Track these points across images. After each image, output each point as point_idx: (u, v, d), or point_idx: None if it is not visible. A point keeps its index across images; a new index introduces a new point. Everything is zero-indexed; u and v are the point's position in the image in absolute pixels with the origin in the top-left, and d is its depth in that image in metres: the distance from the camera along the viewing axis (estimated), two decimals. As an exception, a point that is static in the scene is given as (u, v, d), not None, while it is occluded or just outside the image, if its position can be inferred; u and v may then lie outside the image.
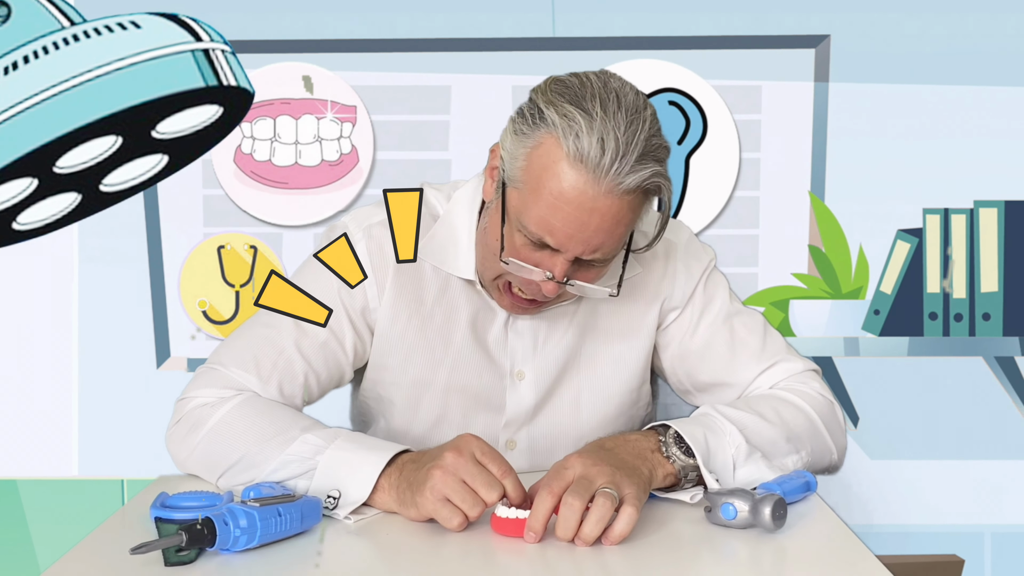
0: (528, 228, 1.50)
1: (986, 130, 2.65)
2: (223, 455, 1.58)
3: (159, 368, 2.74)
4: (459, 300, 1.71)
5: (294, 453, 1.51)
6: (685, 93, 2.64)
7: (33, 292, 2.70)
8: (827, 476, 1.73)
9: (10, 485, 2.74)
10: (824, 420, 1.68)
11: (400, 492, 1.43)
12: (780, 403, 1.67)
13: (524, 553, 1.32)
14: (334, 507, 1.45)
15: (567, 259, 1.51)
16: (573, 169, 1.45)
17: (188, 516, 1.29)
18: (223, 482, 1.57)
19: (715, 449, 1.52)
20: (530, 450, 1.76)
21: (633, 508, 1.34)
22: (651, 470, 1.47)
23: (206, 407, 1.64)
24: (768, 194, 2.68)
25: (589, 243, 1.49)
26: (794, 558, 1.31)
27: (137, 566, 1.25)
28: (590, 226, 1.48)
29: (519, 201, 1.52)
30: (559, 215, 1.47)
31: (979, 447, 2.72)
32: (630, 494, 1.37)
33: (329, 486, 1.46)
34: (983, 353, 2.68)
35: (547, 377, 1.75)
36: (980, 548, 2.74)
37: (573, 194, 1.46)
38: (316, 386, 1.70)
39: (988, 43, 2.63)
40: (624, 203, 1.47)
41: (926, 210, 2.65)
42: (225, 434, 1.59)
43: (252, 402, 1.62)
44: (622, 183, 1.45)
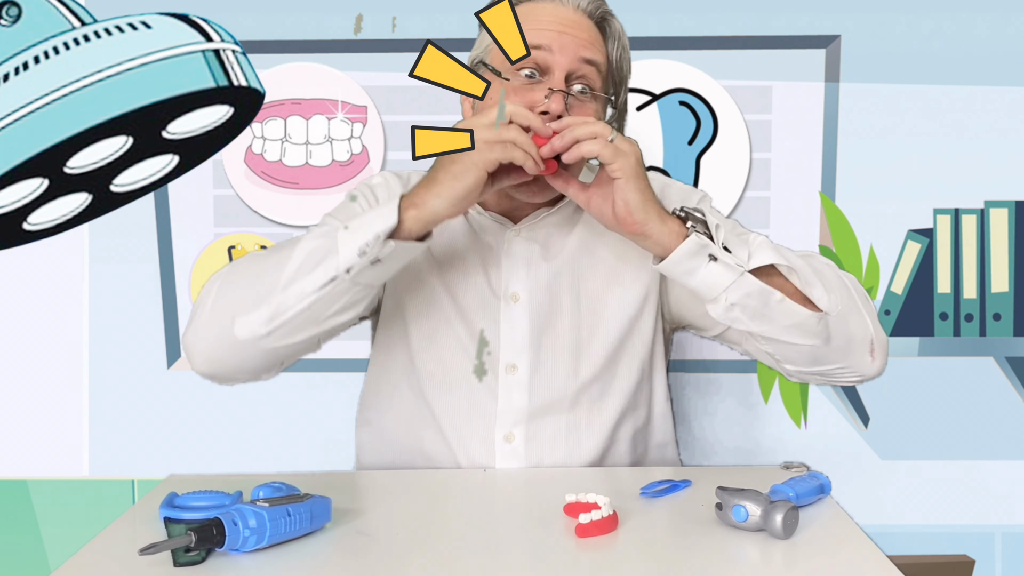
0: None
1: (997, 130, 2.65)
2: (233, 293, 1.59)
3: (170, 368, 2.74)
4: (457, 232, 1.81)
5: (312, 238, 1.56)
6: (696, 93, 2.64)
7: (43, 292, 2.71)
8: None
9: (20, 485, 2.74)
10: (857, 293, 1.67)
11: (431, 184, 1.55)
12: (811, 257, 1.68)
13: (531, 553, 1.32)
14: (367, 255, 1.50)
15: (561, 73, 1.66)
16: (540, 3, 1.72)
17: (197, 516, 1.30)
18: (240, 322, 1.56)
19: (730, 231, 1.60)
20: (530, 378, 1.75)
21: (612, 149, 1.53)
22: (661, 213, 1.58)
23: (210, 281, 1.65)
24: (779, 194, 2.68)
25: (576, 51, 1.68)
26: (805, 557, 1.30)
27: (146, 566, 1.26)
28: (569, 36, 1.68)
29: (497, 53, 1.69)
30: (541, 26, 1.67)
31: (990, 447, 2.72)
32: (627, 154, 1.55)
33: (357, 244, 1.51)
34: (994, 353, 2.68)
35: (540, 299, 1.77)
36: (991, 548, 2.73)
37: (547, 14, 1.70)
38: None
39: (1000, 43, 2.63)
40: (589, 24, 1.73)
41: (937, 210, 2.65)
42: (231, 277, 1.62)
43: (256, 252, 1.67)
44: (579, 3, 1.72)
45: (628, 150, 1.54)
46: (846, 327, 1.61)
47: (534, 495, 1.56)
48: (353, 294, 1.54)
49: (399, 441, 1.80)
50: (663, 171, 2.63)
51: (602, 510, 1.36)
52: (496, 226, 1.81)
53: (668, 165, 2.63)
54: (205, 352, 1.60)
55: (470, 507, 1.56)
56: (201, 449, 2.70)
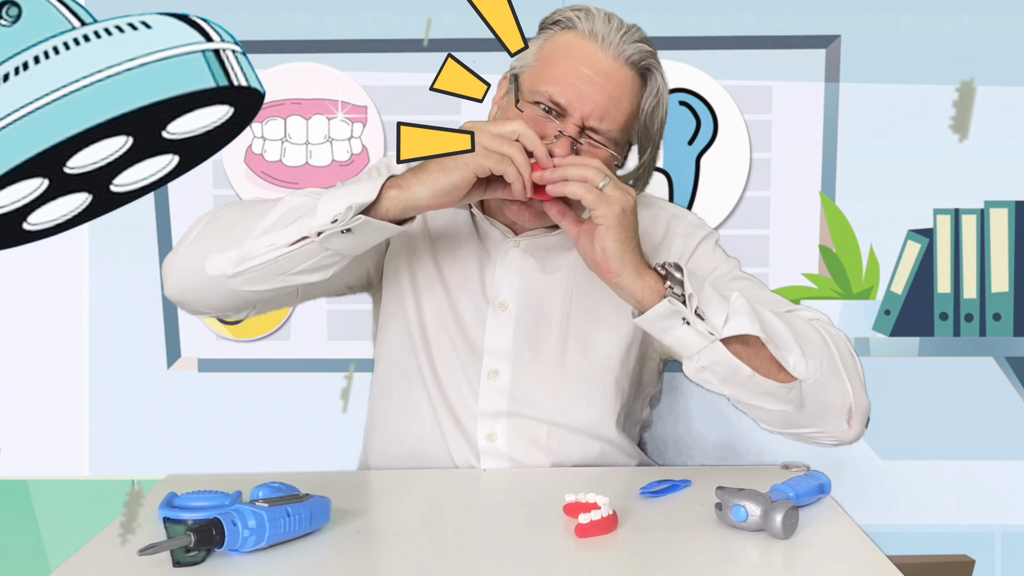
0: (540, 90, 1.66)
1: (997, 130, 2.64)
2: (213, 232, 1.63)
3: (170, 368, 2.74)
4: (462, 233, 1.83)
5: (295, 196, 1.57)
6: (696, 93, 2.64)
7: (43, 292, 2.71)
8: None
9: (21, 485, 2.74)
10: (842, 356, 1.64)
11: (418, 171, 1.55)
12: (794, 317, 1.66)
13: (531, 553, 1.32)
14: (338, 222, 1.50)
15: (575, 123, 1.65)
16: (584, 40, 1.67)
17: (197, 516, 1.30)
18: (212, 259, 1.59)
19: (711, 293, 1.55)
20: (511, 386, 1.77)
21: (597, 195, 1.53)
22: (639, 269, 1.55)
23: (202, 216, 1.69)
24: (778, 194, 2.68)
25: (596, 103, 1.65)
26: (805, 557, 1.30)
27: (146, 566, 1.26)
28: (597, 84, 1.65)
29: (531, 76, 1.70)
30: (570, 72, 1.65)
31: (989, 447, 2.72)
32: (610, 198, 1.53)
33: (333, 209, 1.51)
34: (994, 353, 2.68)
35: (529, 310, 1.79)
36: (991, 548, 2.74)
37: (584, 56, 1.66)
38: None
39: (999, 43, 2.63)
40: (627, 75, 1.68)
41: (937, 210, 2.65)
42: (216, 216, 1.65)
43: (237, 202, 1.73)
44: (624, 51, 1.66)
45: (616, 198, 1.52)
46: (822, 393, 1.60)
47: (534, 495, 1.56)
48: (322, 258, 1.55)
49: (397, 439, 1.82)
50: (664, 171, 2.63)
51: (602, 510, 1.36)
52: (498, 234, 1.82)
53: (668, 165, 2.63)
54: (176, 279, 1.65)
55: (470, 507, 1.56)
56: (201, 449, 2.70)
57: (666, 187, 2.62)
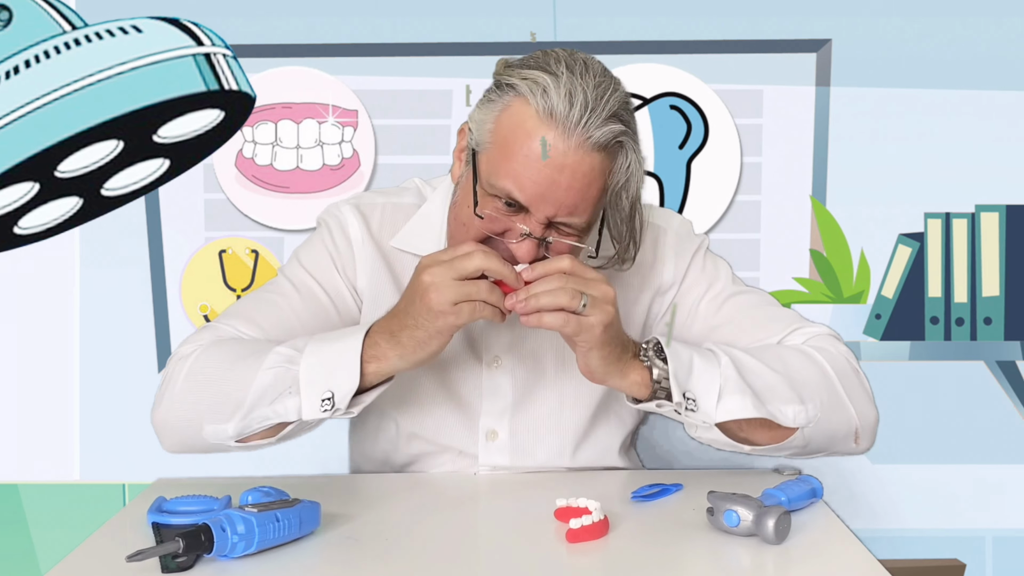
0: (498, 186, 1.47)
1: (988, 134, 2.65)
2: (200, 398, 1.53)
3: (160, 372, 2.74)
4: None
5: (269, 367, 1.46)
6: (686, 97, 2.64)
7: (34, 296, 2.70)
8: (849, 453, 1.66)
9: (11, 489, 2.74)
10: (842, 379, 1.59)
11: (395, 343, 1.44)
12: (789, 352, 1.61)
13: (522, 558, 1.31)
14: (333, 408, 1.44)
15: (539, 221, 1.48)
16: (541, 125, 1.44)
17: (186, 522, 1.29)
18: (209, 429, 1.51)
19: (700, 371, 1.47)
20: (511, 442, 1.74)
21: (566, 322, 1.41)
22: (624, 367, 1.48)
23: (180, 360, 1.58)
24: (769, 198, 2.68)
25: (561, 203, 1.46)
26: (797, 561, 1.30)
27: (134, 572, 1.25)
28: (561, 184, 1.45)
29: (488, 164, 1.50)
30: (529, 171, 1.45)
31: (980, 451, 2.72)
32: (590, 327, 1.42)
33: (319, 393, 1.44)
34: (984, 357, 2.68)
35: (525, 365, 1.73)
36: (981, 552, 2.74)
37: (541, 154, 1.44)
38: (301, 330, 1.64)
39: (990, 47, 2.63)
40: (594, 160, 1.45)
41: (927, 214, 2.65)
42: (198, 376, 1.54)
43: (225, 341, 1.59)
44: (591, 136, 1.43)
45: (595, 320, 1.42)
46: (826, 427, 1.56)
47: (524, 500, 1.56)
48: (316, 423, 1.51)
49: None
50: (654, 175, 2.63)
51: (593, 515, 1.36)
52: None
53: (659, 170, 2.63)
54: (175, 441, 1.59)
55: (461, 512, 1.55)
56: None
57: (657, 191, 2.62)
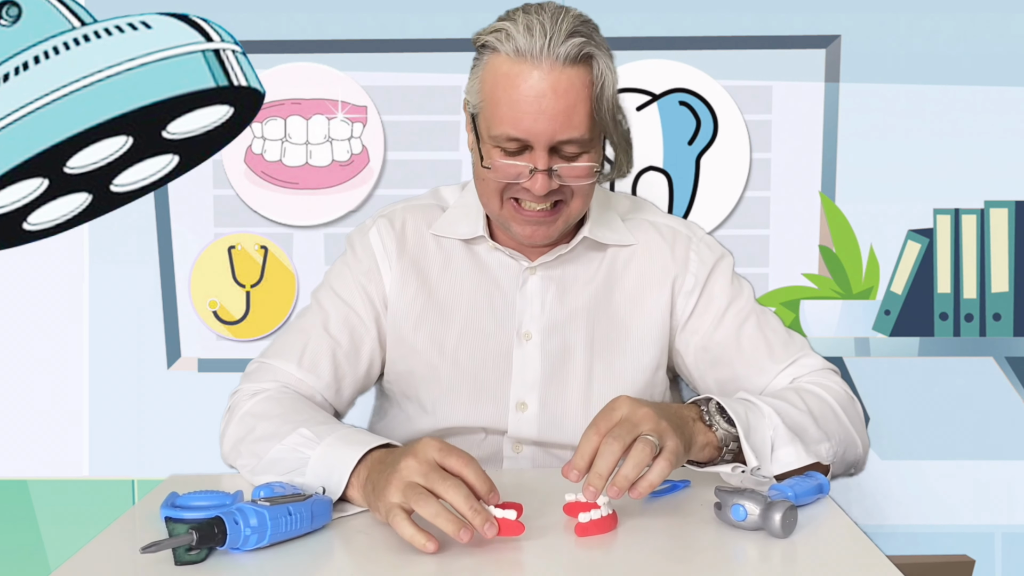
0: (496, 132, 1.62)
1: (997, 130, 2.65)
2: (236, 448, 1.68)
3: (170, 368, 2.74)
4: (463, 270, 1.82)
5: (288, 445, 1.55)
6: (696, 93, 2.64)
7: (43, 292, 2.71)
8: (849, 477, 1.73)
9: (20, 485, 2.74)
10: (847, 413, 1.69)
11: (367, 495, 1.44)
12: (805, 393, 1.68)
13: (531, 552, 1.32)
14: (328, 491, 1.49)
15: (543, 150, 1.61)
16: (514, 64, 1.60)
17: (198, 515, 1.30)
18: (239, 464, 1.66)
19: (755, 426, 1.53)
20: (541, 414, 1.79)
21: (667, 463, 1.36)
22: (691, 435, 1.48)
23: (242, 397, 1.74)
24: (778, 194, 2.68)
25: (554, 123, 1.60)
26: (805, 558, 1.30)
27: (147, 565, 1.26)
28: (547, 107, 1.59)
29: (485, 120, 1.65)
30: (517, 108, 1.60)
31: (990, 447, 2.72)
32: (670, 447, 1.38)
33: (319, 482, 1.49)
34: (994, 353, 2.68)
35: (555, 341, 1.79)
36: (991, 548, 2.73)
37: (520, 83, 1.60)
38: (344, 360, 1.78)
39: (999, 43, 2.63)
40: (571, 75, 1.59)
41: (937, 210, 2.65)
42: (247, 422, 1.67)
43: (276, 396, 1.70)
44: (558, 54, 1.58)
45: (671, 442, 1.39)
46: (844, 459, 1.67)
47: (534, 494, 1.56)
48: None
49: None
50: (663, 171, 2.63)
51: (601, 509, 1.36)
52: (511, 262, 1.81)
53: (668, 165, 2.63)
54: (229, 462, 1.73)
55: (470, 507, 1.56)
56: (201, 449, 2.70)
57: (666, 187, 2.62)
